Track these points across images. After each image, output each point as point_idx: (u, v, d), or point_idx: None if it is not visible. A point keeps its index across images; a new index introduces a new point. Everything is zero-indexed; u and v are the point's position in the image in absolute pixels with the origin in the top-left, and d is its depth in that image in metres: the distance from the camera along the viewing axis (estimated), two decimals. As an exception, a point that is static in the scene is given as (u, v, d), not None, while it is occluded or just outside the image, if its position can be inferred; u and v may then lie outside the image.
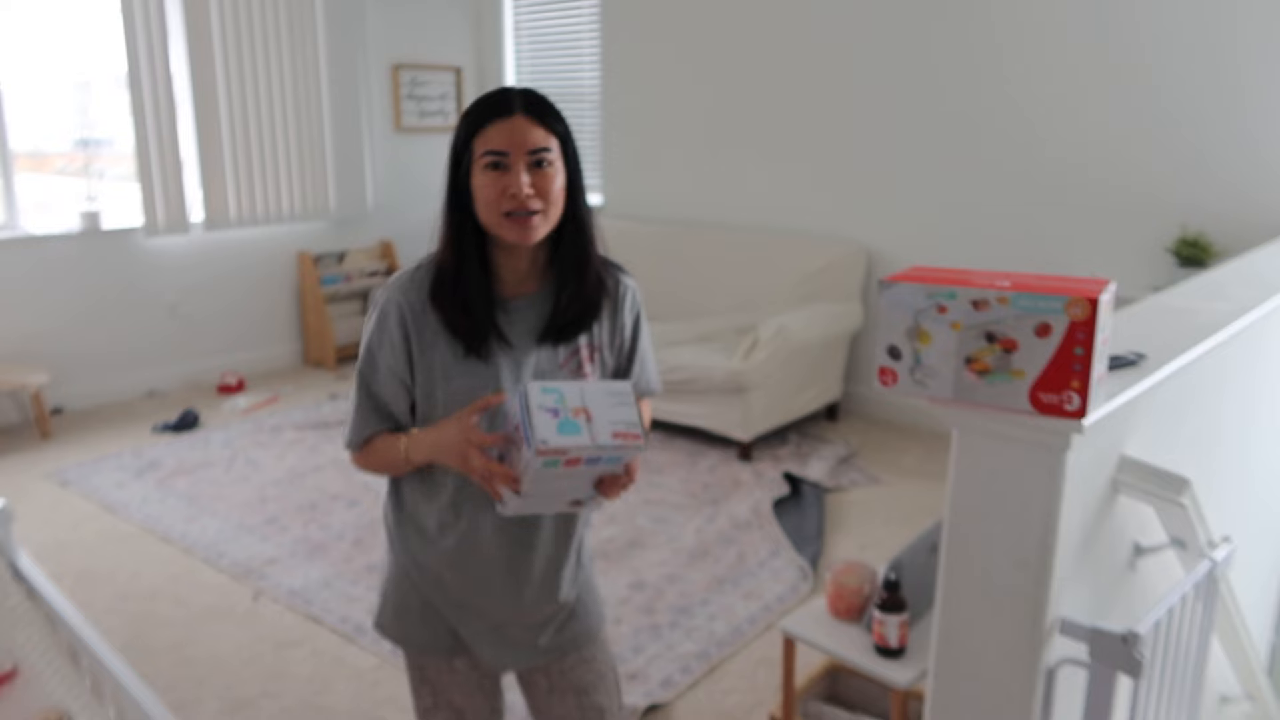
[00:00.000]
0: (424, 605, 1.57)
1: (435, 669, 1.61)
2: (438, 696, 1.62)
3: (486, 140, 1.38)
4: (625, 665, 2.81)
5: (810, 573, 3.34)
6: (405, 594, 1.58)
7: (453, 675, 1.61)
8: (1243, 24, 3.82)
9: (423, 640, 1.59)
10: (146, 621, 3.07)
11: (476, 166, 1.39)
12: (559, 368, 1.48)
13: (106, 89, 5.29)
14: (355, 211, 6.15)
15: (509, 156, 1.37)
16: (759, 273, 5.05)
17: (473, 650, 1.59)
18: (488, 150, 1.37)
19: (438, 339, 1.44)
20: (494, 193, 1.37)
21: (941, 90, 4.63)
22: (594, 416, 1.29)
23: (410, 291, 1.45)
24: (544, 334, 1.47)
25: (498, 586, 1.53)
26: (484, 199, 1.38)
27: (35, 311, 4.98)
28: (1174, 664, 1.47)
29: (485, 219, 1.40)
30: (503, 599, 1.54)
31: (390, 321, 1.44)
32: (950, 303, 1.14)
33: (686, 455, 4.48)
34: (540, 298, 1.48)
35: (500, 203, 1.37)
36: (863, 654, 2.12)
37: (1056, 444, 1.13)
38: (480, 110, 1.40)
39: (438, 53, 6.42)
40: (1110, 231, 4.27)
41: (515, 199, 1.37)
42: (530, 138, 1.38)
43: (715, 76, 5.44)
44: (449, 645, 1.58)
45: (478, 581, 1.53)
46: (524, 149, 1.37)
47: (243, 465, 4.37)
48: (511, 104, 1.39)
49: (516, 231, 1.39)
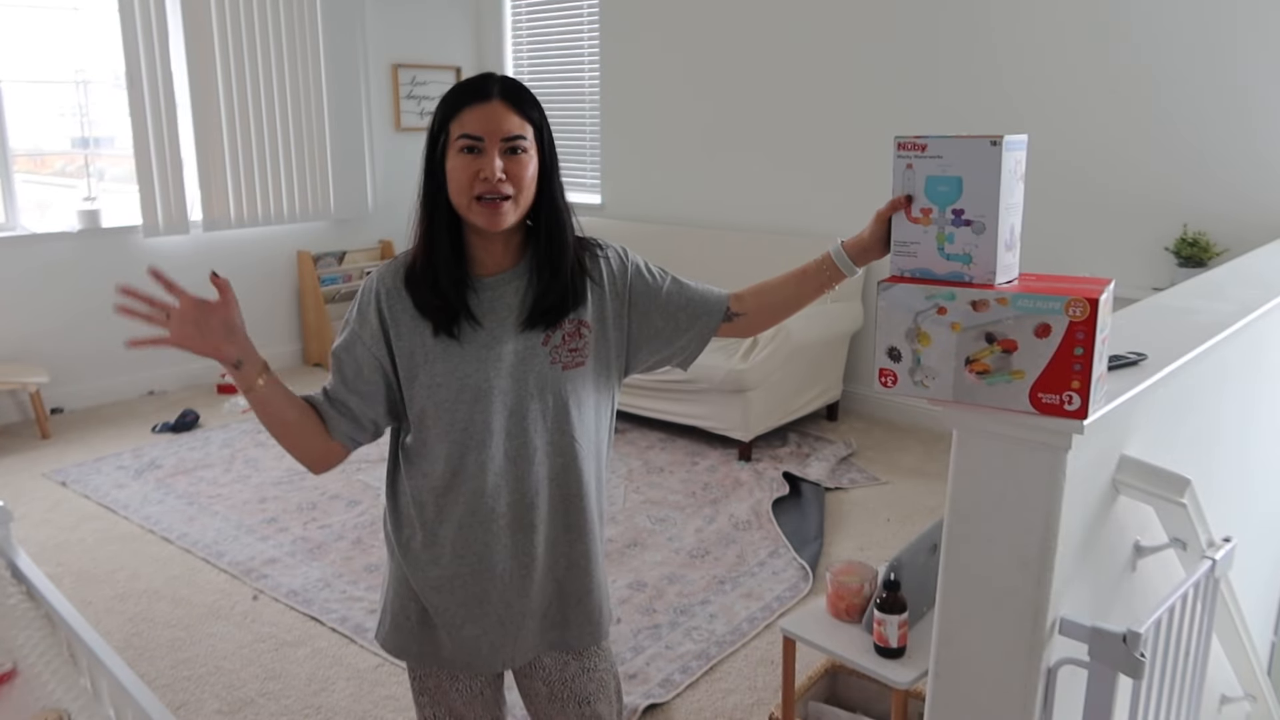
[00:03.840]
0: (422, 615, 1.54)
1: (435, 679, 1.60)
2: (437, 707, 1.61)
3: (462, 124, 1.38)
4: (625, 665, 2.81)
5: (810, 573, 3.34)
6: (404, 603, 1.55)
7: (453, 683, 1.59)
8: (1243, 24, 3.82)
9: (421, 651, 1.56)
10: (146, 621, 3.07)
11: (451, 149, 1.39)
12: (540, 346, 1.46)
13: (106, 89, 5.29)
14: (355, 211, 6.15)
15: (484, 141, 1.37)
16: (759, 273, 5.01)
17: (474, 654, 1.54)
18: (463, 134, 1.37)
19: (415, 322, 1.44)
20: (466, 176, 1.37)
21: (941, 90, 4.63)
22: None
23: (388, 278, 1.47)
24: (525, 319, 1.45)
25: (503, 558, 1.49)
26: (456, 182, 1.39)
27: (35, 311, 4.98)
28: (1174, 664, 1.47)
29: (456, 201, 1.40)
30: (509, 578, 1.51)
31: (369, 308, 1.46)
32: (950, 304, 1.14)
33: (686, 455, 4.48)
34: (514, 274, 1.47)
35: (472, 186, 1.37)
36: (863, 654, 2.12)
37: (1057, 444, 1.13)
38: (458, 94, 1.40)
39: (438, 52, 6.42)
40: (1110, 231, 4.27)
41: (487, 182, 1.37)
42: (506, 124, 1.38)
43: (715, 76, 5.44)
44: (449, 655, 1.55)
45: (482, 560, 1.49)
46: (499, 134, 1.37)
47: (242, 465, 4.36)
48: (489, 89, 1.39)
49: (486, 216, 1.39)
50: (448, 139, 1.39)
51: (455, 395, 1.43)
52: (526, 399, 1.45)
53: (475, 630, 1.52)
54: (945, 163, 1.15)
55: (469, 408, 1.43)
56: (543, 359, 1.46)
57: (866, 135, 4.91)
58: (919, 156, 1.17)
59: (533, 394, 1.46)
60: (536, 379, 1.46)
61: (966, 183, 1.14)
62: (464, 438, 1.45)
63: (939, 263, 1.18)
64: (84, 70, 5.20)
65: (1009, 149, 1.13)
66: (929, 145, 1.16)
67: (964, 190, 1.15)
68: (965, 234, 1.15)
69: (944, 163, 1.15)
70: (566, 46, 6.19)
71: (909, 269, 1.21)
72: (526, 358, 1.45)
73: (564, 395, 1.47)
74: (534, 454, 1.47)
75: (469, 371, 1.43)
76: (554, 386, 1.47)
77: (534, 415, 1.46)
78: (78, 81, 5.21)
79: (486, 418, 1.44)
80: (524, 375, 1.45)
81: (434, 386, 1.44)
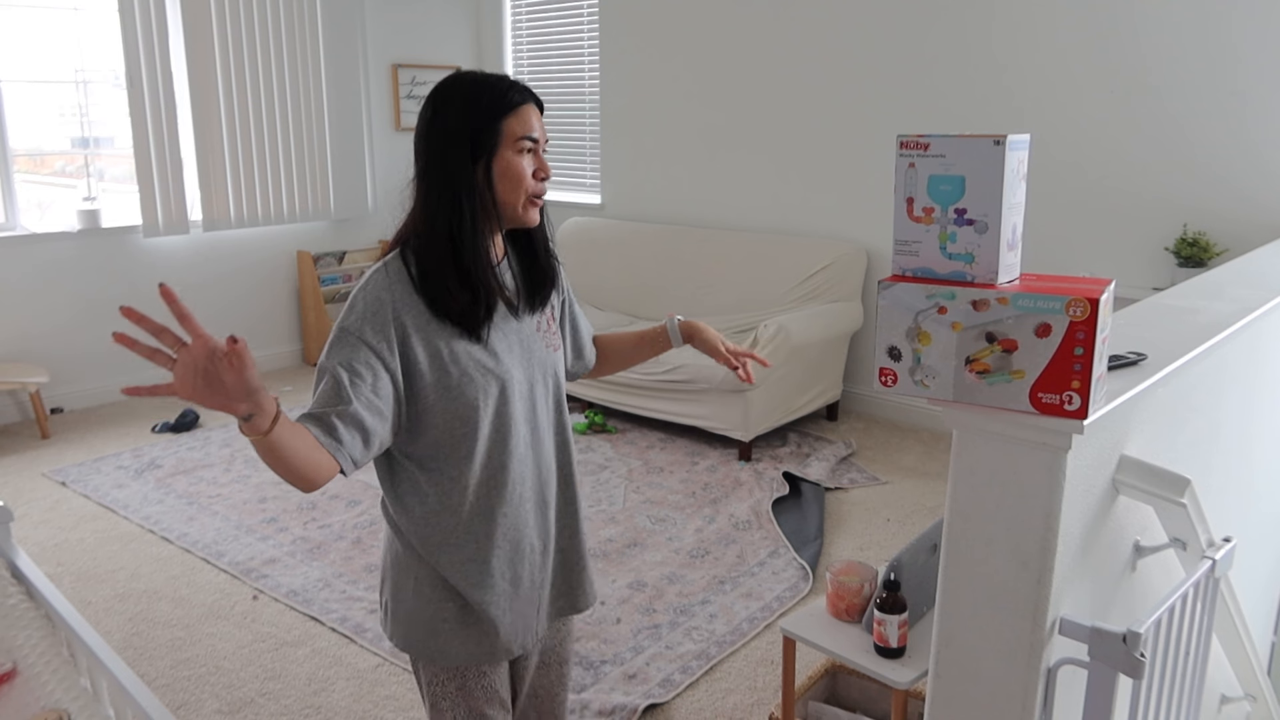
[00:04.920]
0: (460, 614, 1.51)
1: (461, 679, 1.55)
2: (457, 709, 1.56)
3: (520, 124, 1.42)
4: (625, 665, 2.81)
5: (810, 573, 3.34)
6: (439, 606, 1.51)
7: (479, 680, 1.56)
8: (1243, 24, 3.82)
9: (463, 651, 1.53)
10: (146, 621, 3.07)
11: (509, 149, 1.42)
12: (535, 332, 1.55)
13: (106, 89, 5.29)
14: (355, 211, 6.15)
15: (539, 143, 1.45)
16: (759, 273, 5.05)
17: (511, 639, 1.55)
18: (526, 135, 1.43)
19: (432, 328, 1.41)
20: (527, 175, 1.44)
21: (941, 90, 4.63)
22: None
23: (396, 288, 1.41)
24: (520, 305, 1.53)
25: (530, 538, 1.56)
26: (514, 180, 1.43)
27: (35, 311, 4.98)
28: (1174, 664, 1.47)
29: (510, 199, 1.44)
30: (536, 556, 1.58)
31: (384, 320, 1.38)
32: (950, 303, 1.14)
33: (686, 455, 4.48)
34: (504, 267, 1.53)
35: (530, 184, 1.45)
36: (863, 654, 2.12)
37: (1057, 444, 1.13)
38: (503, 95, 1.42)
39: (438, 52, 6.42)
40: (1110, 231, 4.27)
41: (543, 182, 1.46)
42: (542, 126, 1.47)
43: (715, 76, 5.44)
44: (490, 647, 1.53)
45: (516, 546, 1.53)
46: (544, 136, 1.47)
47: (242, 465, 4.36)
48: (526, 92, 1.46)
49: (530, 213, 1.47)
50: (497, 138, 1.41)
51: (485, 389, 1.45)
52: (535, 383, 1.54)
53: (515, 614, 1.55)
54: (948, 162, 1.15)
55: (498, 400, 1.47)
56: (539, 344, 1.56)
57: (866, 135, 4.91)
58: (921, 155, 1.17)
59: (538, 378, 1.55)
60: (539, 363, 1.55)
61: (969, 182, 1.14)
62: (493, 430, 1.48)
63: (941, 262, 1.18)
64: (84, 70, 5.20)
65: (1012, 148, 1.13)
66: (932, 144, 1.16)
67: (967, 189, 1.15)
68: (968, 233, 1.16)
69: (947, 162, 1.16)
70: (566, 46, 6.19)
71: (911, 268, 1.21)
72: (530, 344, 1.54)
73: (557, 376, 1.60)
74: (544, 434, 1.57)
75: (492, 365, 1.47)
76: (550, 367, 1.58)
77: (540, 397, 1.56)
78: (78, 81, 5.21)
79: (510, 406, 1.49)
80: (530, 361, 1.53)
81: (464, 384, 1.43)
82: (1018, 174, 1.16)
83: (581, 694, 2.66)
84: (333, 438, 1.31)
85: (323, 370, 1.36)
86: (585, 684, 2.71)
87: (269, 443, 1.20)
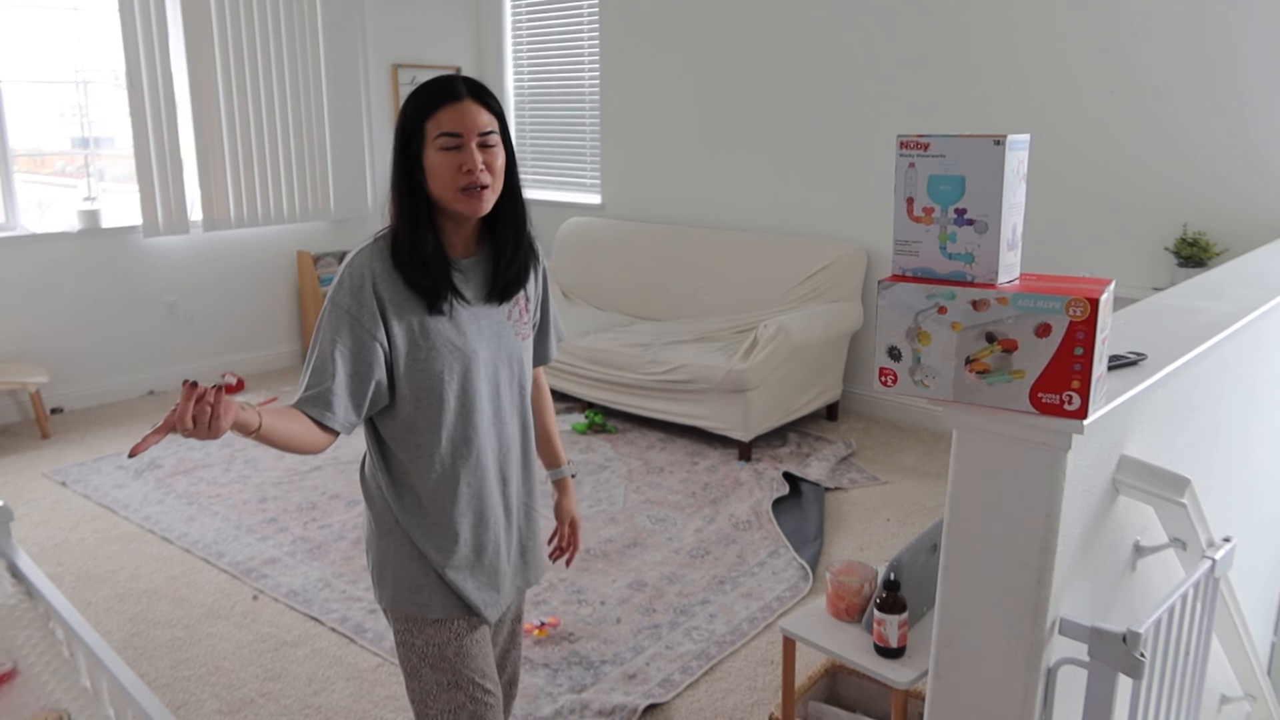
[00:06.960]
0: (440, 574, 1.63)
1: (457, 631, 1.65)
2: (459, 667, 1.65)
3: (440, 123, 1.50)
4: (625, 665, 2.81)
5: (810, 573, 3.34)
6: (421, 564, 1.63)
7: (475, 635, 1.67)
8: (1243, 24, 3.82)
9: (446, 605, 1.64)
10: (146, 621, 3.07)
11: (431, 147, 1.51)
12: (505, 320, 1.66)
13: (106, 89, 5.29)
14: (355, 211, 6.15)
15: (463, 138, 1.50)
16: (759, 273, 5.05)
17: (482, 606, 1.67)
18: (443, 132, 1.50)
19: (406, 300, 1.55)
20: (450, 170, 1.51)
21: (941, 90, 4.63)
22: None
23: (375, 262, 1.55)
24: (490, 293, 1.63)
25: (494, 509, 1.68)
26: (441, 176, 1.51)
27: (35, 311, 4.98)
28: (1174, 664, 1.47)
29: (441, 194, 1.53)
30: (500, 528, 1.70)
31: (364, 292, 1.52)
32: (950, 303, 1.14)
33: (686, 455, 4.48)
34: (483, 259, 1.64)
35: (456, 179, 1.51)
36: (863, 654, 2.12)
37: (1057, 444, 1.13)
38: (431, 95, 1.52)
39: (438, 52, 6.42)
40: (1110, 231, 4.27)
41: (470, 175, 1.51)
42: (479, 120, 1.52)
43: (715, 76, 5.44)
44: (468, 606, 1.66)
45: (480, 516, 1.66)
46: (475, 130, 1.51)
47: (242, 465, 4.37)
48: (460, 89, 1.52)
49: (470, 204, 1.53)
50: (423, 137, 1.51)
51: (450, 364, 1.57)
52: (500, 365, 1.66)
53: (476, 582, 1.67)
54: (948, 162, 1.16)
55: (462, 375, 1.59)
56: (509, 330, 1.67)
57: (866, 135, 4.91)
58: (922, 155, 1.18)
59: (503, 360, 1.66)
60: (506, 348, 1.66)
61: (969, 182, 1.14)
62: (458, 404, 1.60)
63: (941, 262, 1.18)
64: (84, 70, 5.20)
65: (1012, 149, 1.13)
66: (932, 144, 1.16)
67: (967, 189, 1.15)
68: (968, 233, 1.16)
69: (947, 162, 1.16)
70: (566, 46, 6.19)
71: (911, 268, 1.21)
72: (499, 329, 1.65)
73: (523, 362, 1.71)
74: (506, 414, 1.69)
75: (459, 343, 1.58)
76: (517, 354, 1.69)
77: (504, 379, 1.67)
78: (78, 81, 5.21)
79: (474, 384, 1.61)
80: (497, 344, 1.65)
81: (431, 358, 1.56)
82: (1018, 174, 1.16)
83: (581, 694, 2.66)
84: (321, 407, 1.49)
85: (314, 342, 1.53)
86: (585, 684, 2.71)
87: (259, 436, 1.39)
